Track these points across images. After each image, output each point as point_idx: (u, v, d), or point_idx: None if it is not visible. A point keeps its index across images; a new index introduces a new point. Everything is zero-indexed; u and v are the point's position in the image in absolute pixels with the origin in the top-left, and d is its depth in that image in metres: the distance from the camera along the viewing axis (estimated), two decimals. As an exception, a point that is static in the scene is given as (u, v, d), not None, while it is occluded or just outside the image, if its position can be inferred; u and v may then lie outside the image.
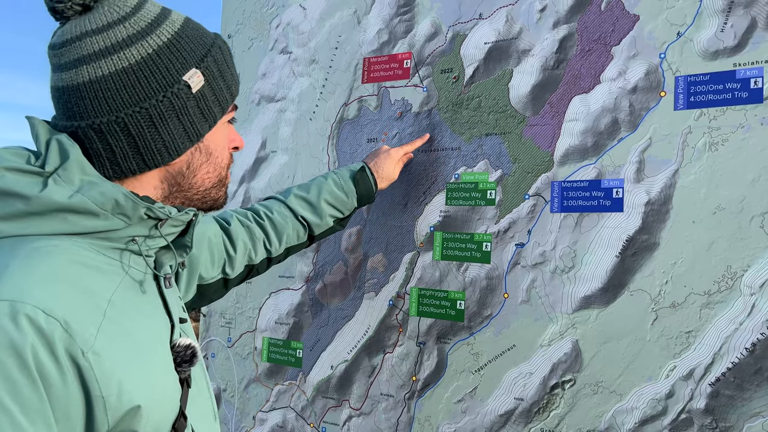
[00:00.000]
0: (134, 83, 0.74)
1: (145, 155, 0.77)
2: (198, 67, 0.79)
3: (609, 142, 1.33)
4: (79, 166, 0.73)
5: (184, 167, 0.82)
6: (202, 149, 0.83)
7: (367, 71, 1.71)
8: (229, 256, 1.24)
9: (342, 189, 1.39)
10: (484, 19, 1.52)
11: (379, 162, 1.47)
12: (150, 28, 0.77)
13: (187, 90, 0.78)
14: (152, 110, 0.76)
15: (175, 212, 0.80)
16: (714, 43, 1.24)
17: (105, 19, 0.75)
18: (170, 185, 0.83)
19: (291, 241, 1.35)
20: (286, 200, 1.36)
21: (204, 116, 0.80)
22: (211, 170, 0.86)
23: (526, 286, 1.41)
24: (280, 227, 1.32)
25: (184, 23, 0.81)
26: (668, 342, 1.24)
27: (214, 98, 0.82)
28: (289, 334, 1.80)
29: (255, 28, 1.97)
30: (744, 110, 1.20)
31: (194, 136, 0.80)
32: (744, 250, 1.18)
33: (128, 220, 0.75)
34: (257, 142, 1.93)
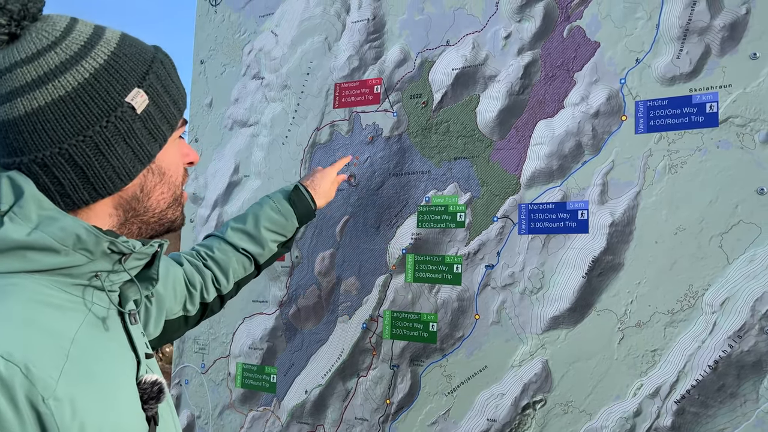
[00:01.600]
0: (74, 111, 0.70)
1: (95, 184, 0.73)
2: (140, 86, 0.75)
3: (573, 165, 1.37)
4: (36, 202, 0.70)
5: (138, 191, 0.79)
6: (155, 170, 0.80)
7: (339, 96, 1.73)
8: (189, 292, 1.22)
9: (279, 212, 1.36)
10: (452, 45, 1.55)
11: (315, 180, 1.45)
12: (84, 51, 0.72)
13: (132, 112, 0.74)
14: (97, 137, 0.72)
15: (139, 246, 0.77)
16: (671, 69, 1.28)
17: (34, 47, 0.71)
18: (125, 211, 0.79)
19: (238, 275, 1.32)
20: (225, 236, 1.33)
21: (153, 136, 0.77)
22: (166, 190, 0.82)
23: (497, 307, 1.43)
24: (224, 264, 1.29)
25: (120, 41, 0.76)
26: (635, 361, 1.26)
27: (161, 116, 0.78)
28: (263, 359, 1.79)
29: (227, 54, 1.99)
30: (701, 134, 1.24)
31: (145, 158, 0.76)
32: (704, 269, 1.21)
33: (91, 255, 0.72)
34: (230, 167, 1.93)
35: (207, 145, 2.00)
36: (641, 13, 1.32)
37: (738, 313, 1.17)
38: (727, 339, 1.18)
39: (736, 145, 1.20)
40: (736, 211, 1.19)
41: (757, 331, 1.15)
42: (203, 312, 1.28)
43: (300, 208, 1.38)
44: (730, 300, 1.18)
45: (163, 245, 0.83)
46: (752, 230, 1.17)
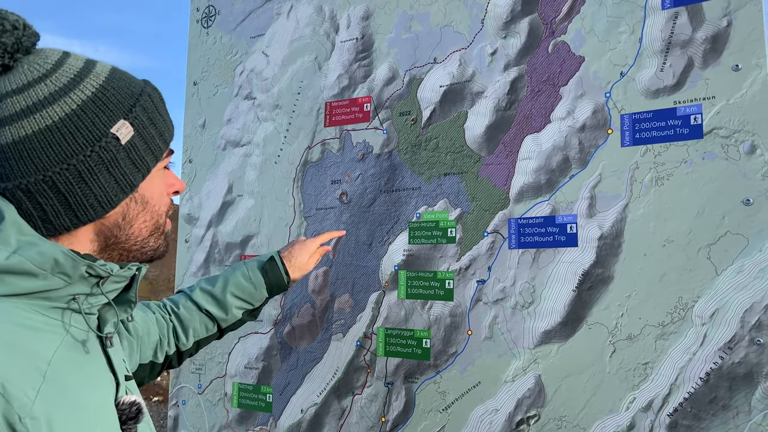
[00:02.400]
0: (59, 140, 0.73)
1: (77, 211, 0.75)
2: (126, 118, 0.77)
3: (561, 179, 1.37)
4: (16, 227, 0.72)
5: (120, 219, 0.81)
6: (138, 199, 0.82)
7: (329, 115, 1.75)
8: (160, 339, 1.24)
9: (250, 280, 1.34)
10: (439, 63, 1.57)
11: (293, 252, 1.42)
12: (73, 84, 0.75)
13: (116, 142, 0.76)
14: (80, 166, 0.74)
15: (117, 269, 0.79)
16: (655, 81, 1.29)
17: (25, 78, 0.74)
18: (106, 238, 0.81)
19: (199, 334, 1.31)
20: (192, 294, 1.33)
21: (136, 166, 0.79)
22: (148, 218, 0.84)
23: (489, 323, 1.43)
24: (186, 322, 1.29)
25: (110, 74, 0.79)
26: (626, 374, 1.25)
27: (146, 147, 0.80)
28: (259, 379, 1.79)
29: (219, 75, 2.01)
30: (686, 146, 1.24)
31: (127, 187, 0.79)
32: (693, 281, 1.21)
33: (68, 279, 0.74)
34: (224, 187, 1.94)
35: (201, 165, 2.02)
36: (624, 27, 1.33)
37: (728, 325, 1.17)
38: (718, 351, 1.17)
39: (721, 156, 1.21)
40: (723, 222, 1.19)
41: (747, 343, 1.15)
42: (163, 366, 1.28)
43: (272, 279, 1.36)
44: (719, 311, 1.18)
45: (141, 268, 0.84)
46: (740, 241, 1.17)
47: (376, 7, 1.69)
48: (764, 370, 1.13)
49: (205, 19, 2.07)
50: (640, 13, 1.32)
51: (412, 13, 1.62)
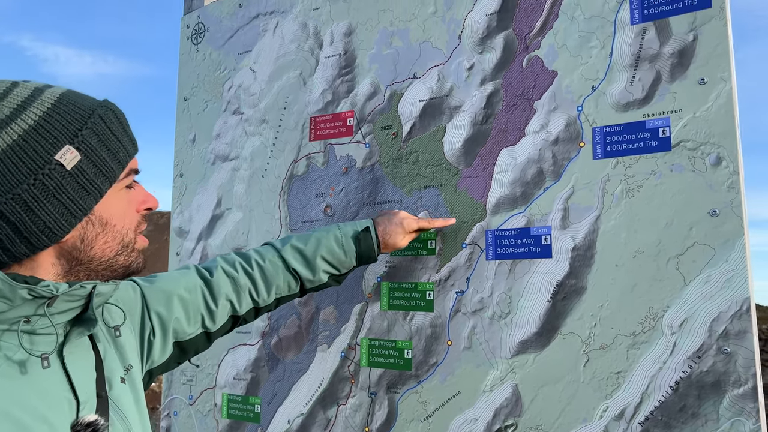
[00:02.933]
0: (3, 171, 0.74)
1: (30, 239, 0.77)
2: (71, 143, 0.78)
3: (536, 192, 1.40)
4: None
5: (78, 242, 0.82)
6: (95, 221, 0.83)
7: (314, 129, 1.78)
8: (209, 310, 1.21)
9: (342, 246, 1.34)
10: (418, 78, 1.60)
11: (389, 229, 1.39)
12: (15, 113, 0.76)
13: (61, 168, 0.77)
14: (25, 195, 0.75)
15: (64, 288, 0.79)
16: (625, 95, 1.32)
17: None
18: (68, 261, 0.83)
19: (281, 291, 1.31)
20: (281, 249, 1.32)
21: (86, 190, 0.80)
22: (110, 239, 0.85)
23: (468, 333, 1.45)
24: (270, 277, 1.29)
25: (57, 100, 0.80)
26: (600, 383, 1.27)
27: (96, 170, 0.81)
28: (248, 390, 1.81)
29: (209, 91, 2.05)
30: (655, 158, 1.27)
31: (78, 212, 0.80)
32: (663, 291, 1.23)
33: (10, 302, 0.75)
34: (213, 201, 1.98)
35: (191, 179, 2.05)
36: (595, 42, 1.36)
37: (696, 334, 1.19)
38: (687, 359, 1.19)
39: (688, 168, 1.23)
40: (690, 233, 1.22)
41: (715, 351, 1.17)
42: (234, 324, 1.28)
43: (363, 249, 1.35)
44: (688, 321, 1.20)
45: (96, 286, 0.84)
46: (706, 252, 1.20)
47: (358, 24, 1.72)
48: (731, 378, 1.15)
49: (195, 36, 2.12)
50: (610, 28, 1.35)
51: (393, 30, 1.66)
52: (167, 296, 1.14)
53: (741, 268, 1.16)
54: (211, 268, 1.25)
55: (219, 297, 1.22)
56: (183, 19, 2.17)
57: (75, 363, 0.84)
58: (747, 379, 1.13)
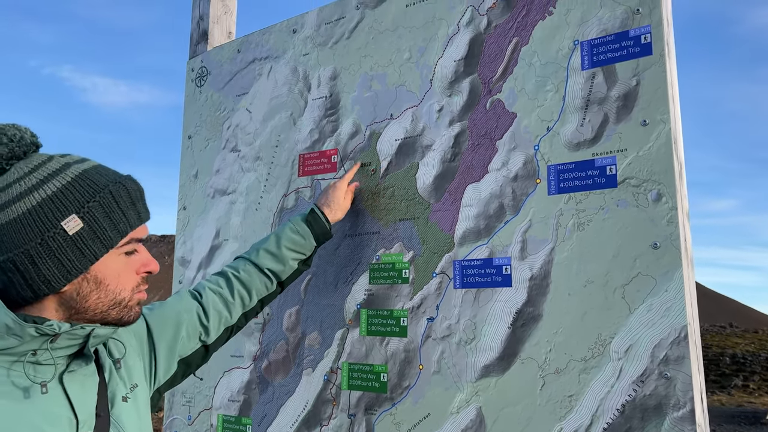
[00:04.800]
0: (20, 230, 0.91)
1: (33, 286, 0.93)
2: (78, 213, 0.93)
3: (497, 225, 1.50)
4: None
5: (74, 294, 0.97)
6: (90, 279, 0.97)
7: (302, 166, 1.91)
8: (204, 326, 1.35)
9: (298, 233, 1.53)
10: (395, 118, 1.72)
11: (328, 197, 1.63)
12: (40, 184, 0.93)
13: (63, 233, 0.92)
14: (32, 251, 0.91)
15: (66, 327, 0.93)
16: (576, 135, 1.42)
17: (9, 179, 0.94)
18: (67, 309, 0.97)
19: (261, 292, 1.48)
20: (250, 257, 1.51)
21: (82, 253, 0.94)
22: (103, 296, 0.99)
23: (437, 358, 1.54)
24: (247, 283, 1.45)
25: (79, 175, 0.96)
26: (554, 406, 1.35)
27: (94, 238, 0.95)
28: (240, 411, 1.92)
29: (210, 130, 2.20)
30: (603, 194, 1.36)
31: (74, 270, 0.94)
32: (610, 318, 1.31)
33: (20, 339, 0.90)
34: (212, 232, 2.11)
35: (193, 212, 2.20)
36: (550, 86, 1.47)
37: (640, 359, 1.26)
38: (632, 384, 1.27)
39: (632, 203, 1.32)
40: (635, 264, 1.30)
41: (656, 376, 1.24)
42: (229, 333, 1.43)
43: (316, 228, 1.56)
44: (633, 347, 1.27)
45: (94, 330, 0.98)
46: (649, 282, 1.28)
47: (342, 68, 1.86)
48: (671, 401, 1.22)
49: (198, 79, 2.28)
50: (563, 73, 1.45)
51: (372, 74, 1.79)
52: (169, 320, 1.29)
53: (679, 297, 1.24)
54: (200, 290, 1.42)
55: (210, 312, 1.37)
56: (188, 63, 2.34)
57: (75, 388, 0.98)
58: (685, 403, 1.20)
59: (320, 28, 1.93)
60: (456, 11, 1.65)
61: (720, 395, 21.46)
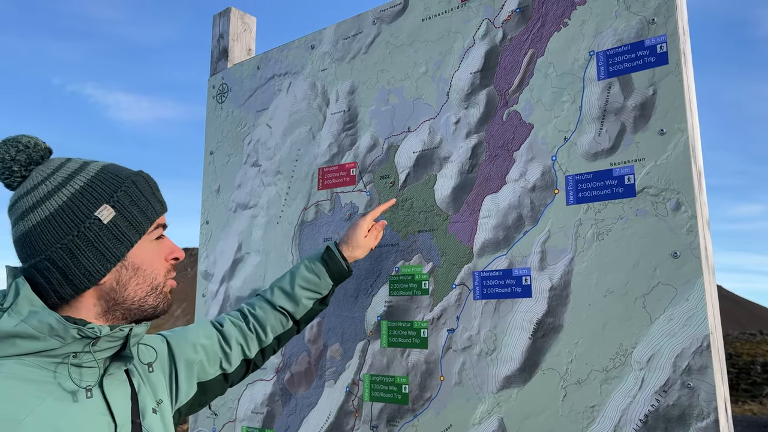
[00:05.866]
0: (54, 226, 0.93)
1: (74, 281, 0.94)
2: (108, 202, 0.97)
3: (516, 235, 1.50)
4: (28, 300, 0.92)
5: (114, 283, 0.99)
6: (128, 266, 1.00)
7: (322, 179, 1.94)
8: (224, 353, 1.37)
9: (312, 272, 1.50)
10: (412, 131, 1.74)
11: (348, 234, 1.58)
12: (66, 181, 0.96)
13: (98, 222, 0.95)
14: (70, 244, 0.93)
15: (106, 330, 0.95)
16: (593, 145, 1.42)
17: (33, 182, 0.97)
18: (106, 301, 0.99)
19: (276, 330, 1.47)
20: (265, 295, 1.51)
21: (119, 240, 0.97)
22: (141, 281, 1.01)
23: (458, 369, 1.54)
24: (262, 320, 1.46)
25: (100, 170, 1.00)
26: (576, 416, 1.35)
27: (128, 224, 0.98)
28: (264, 423, 1.94)
29: (231, 145, 2.24)
30: (621, 203, 1.36)
31: (113, 258, 0.97)
32: (631, 328, 1.31)
33: (63, 340, 0.91)
34: (234, 245, 2.15)
35: (216, 226, 2.24)
36: (566, 96, 1.48)
37: (662, 369, 1.25)
38: (654, 394, 1.26)
39: (651, 213, 1.32)
40: (655, 274, 1.30)
41: (679, 386, 1.23)
42: (247, 368, 1.43)
43: (332, 267, 1.52)
44: (654, 357, 1.27)
45: (132, 328, 1.01)
46: (669, 291, 1.27)
47: (360, 83, 1.89)
48: (695, 411, 1.21)
49: (219, 95, 2.33)
50: (580, 84, 1.46)
51: (389, 88, 1.81)
52: (191, 343, 1.31)
53: (701, 306, 1.23)
54: (221, 321, 1.45)
55: (231, 341, 1.40)
56: (209, 80, 2.39)
57: (113, 392, 1.00)
58: (709, 413, 1.19)
59: (338, 44, 1.96)
60: (471, 24, 1.66)
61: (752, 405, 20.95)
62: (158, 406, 1.12)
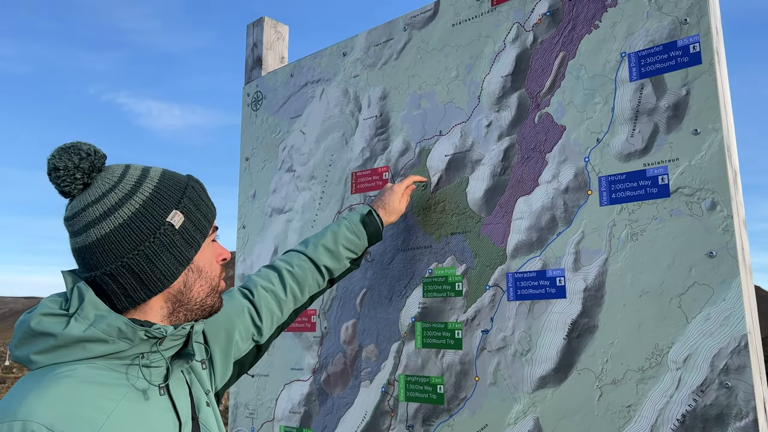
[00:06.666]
0: (130, 233, 0.96)
1: (149, 285, 0.98)
2: (177, 208, 1.00)
3: (550, 236, 1.51)
4: (93, 305, 0.94)
5: (182, 286, 1.02)
6: (194, 269, 1.03)
7: (355, 183, 1.97)
8: (256, 326, 1.39)
9: (354, 233, 1.57)
10: (444, 135, 1.77)
11: (384, 199, 1.65)
12: (134, 189, 0.98)
13: (172, 228, 0.99)
14: (147, 250, 0.96)
15: (171, 330, 0.99)
16: (626, 146, 1.42)
17: (100, 191, 0.98)
18: (173, 303, 1.03)
19: (312, 289, 1.52)
20: (306, 251, 1.53)
21: (189, 244, 1.01)
22: (204, 283, 1.05)
23: (493, 369, 1.56)
24: (301, 280, 1.49)
25: (162, 176, 1.02)
26: (612, 416, 1.35)
27: (195, 228, 1.02)
28: (301, 422, 1.98)
29: (266, 151, 2.30)
30: (656, 204, 1.36)
31: (184, 261, 1.01)
32: (667, 328, 1.31)
33: (131, 342, 0.94)
34: (270, 249, 2.20)
35: (252, 230, 2.29)
36: (598, 98, 1.48)
37: (699, 369, 1.25)
38: (692, 394, 1.26)
39: (686, 213, 1.32)
40: (690, 274, 1.30)
41: (717, 386, 1.23)
42: (280, 330, 1.46)
43: (371, 229, 1.59)
44: (691, 357, 1.27)
45: (194, 326, 1.06)
46: (706, 291, 1.27)
47: (391, 88, 1.92)
48: (733, 411, 1.20)
49: (254, 103, 2.39)
50: (611, 85, 1.47)
51: (421, 93, 1.84)
52: (223, 326, 1.31)
53: (738, 306, 1.23)
54: (251, 287, 1.44)
55: (263, 312, 1.41)
56: (244, 88, 2.45)
57: (176, 391, 1.04)
58: (748, 412, 1.19)
59: (369, 50, 2.00)
60: (502, 28, 1.68)
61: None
62: (208, 398, 1.16)
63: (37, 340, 0.93)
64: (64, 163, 0.96)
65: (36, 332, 0.93)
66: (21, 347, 0.95)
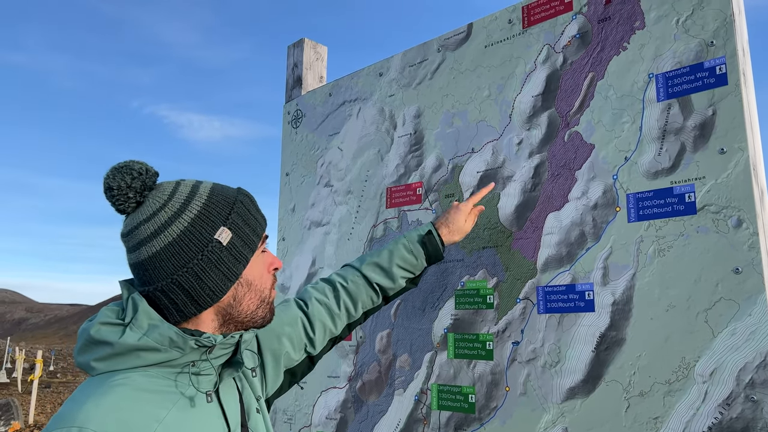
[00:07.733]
0: (179, 251, 0.98)
1: (198, 301, 1.00)
2: (225, 225, 1.01)
3: (579, 251, 1.56)
4: (146, 315, 0.98)
5: (231, 300, 1.04)
6: (243, 283, 1.04)
7: (390, 198, 2.05)
8: (309, 338, 1.40)
9: (411, 252, 1.53)
10: (476, 152, 1.83)
11: (449, 218, 1.60)
12: (183, 207, 1.00)
13: (219, 245, 1.00)
14: (195, 268, 0.99)
15: (220, 339, 1.01)
16: (654, 165, 1.47)
17: (151, 209, 1.01)
18: (223, 316, 1.05)
19: (366, 305, 1.50)
20: (360, 268, 1.52)
21: (237, 260, 1.02)
22: (254, 296, 1.06)
23: (523, 380, 1.61)
24: (354, 295, 1.48)
25: (210, 193, 1.04)
26: (640, 428, 1.39)
27: (243, 243, 1.03)
28: (337, 429, 2.06)
29: (306, 167, 2.40)
30: (682, 221, 1.40)
31: (233, 277, 1.02)
32: (694, 342, 1.34)
33: (182, 351, 0.97)
34: (308, 261, 2.29)
35: (291, 242, 2.39)
36: (626, 117, 1.53)
37: (725, 383, 1.28)
38: (717, 407, 1.29)
39: (712, 230, 1.35)
40: (717, 289, 1.33)
41: (743, 399, 1.26)
42: (333, 342, 1.47)
43: (430, 250, 1.55)
44: (717, 370, 1.30)
45: (243, 335, 1.08)
46: (732, 306, 1.30)
47: (425, 107, 2.00)
48: (759, 425, 1.23)
49: (294, 121, 2.50)
50: (639, 105, 1.51)
51: (454, 111, 1.91)
52: (275, 334, 1.34)
53: (764, 321, 1.26)
54: (306, 299, 1.46)
55: (316, 324, 1.42)
56: (284, 106, 2.56)
57: (226, 398, 1.06)
58: (774, 427, 1.21)
59: (404, 71, 2.08)
60: (533, 50, 1.75)
61: None
62: (258, 404, 1.18)
63: (96, 348, 0.98)
64: (117, 183, 1.00)
65: (95, 340, 0.97)
66: (82, 354, 1.00)
